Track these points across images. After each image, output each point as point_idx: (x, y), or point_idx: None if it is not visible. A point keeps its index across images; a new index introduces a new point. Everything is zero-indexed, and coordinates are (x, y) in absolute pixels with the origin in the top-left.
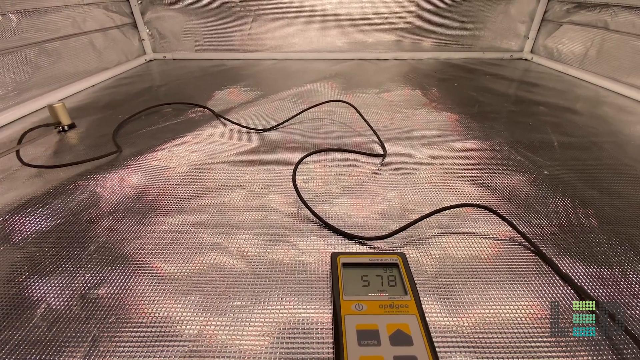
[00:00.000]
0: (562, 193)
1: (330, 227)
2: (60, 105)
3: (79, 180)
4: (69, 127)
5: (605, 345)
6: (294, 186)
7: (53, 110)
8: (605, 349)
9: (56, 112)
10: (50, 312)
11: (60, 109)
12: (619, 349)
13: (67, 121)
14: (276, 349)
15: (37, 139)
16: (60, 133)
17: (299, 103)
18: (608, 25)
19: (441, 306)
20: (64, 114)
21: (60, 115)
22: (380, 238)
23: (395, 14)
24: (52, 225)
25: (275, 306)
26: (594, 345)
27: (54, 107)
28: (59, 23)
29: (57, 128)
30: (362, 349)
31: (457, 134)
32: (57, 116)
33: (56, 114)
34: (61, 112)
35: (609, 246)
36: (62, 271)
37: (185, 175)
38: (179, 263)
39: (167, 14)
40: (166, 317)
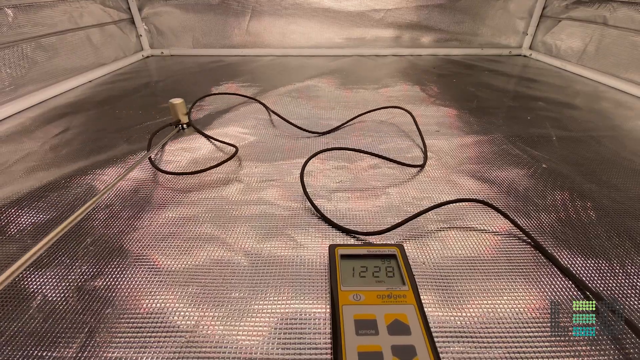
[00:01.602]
0: (560, 186)
1: (332, 223)
2: (181, 103)
3: (76, 174)
4: (187, 125)
5: (604, 336)
6: (301, 180)
7: (174, 107)
8: (604, 339)
9: (176, 110)
10: (46, 304)
11: (180, 107)
12: (618, 340)
13: (185, 119)
14: (274, 339)
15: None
16: (180, 131)
17: (297, 98)
18: (607, 20)
19: (439, 297)
20: (183, 112)
21: (179, 112)
22: (378, 233)
23: (394, 9)
24: (48, 218)
25: (273, 297)
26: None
27: (175, 104)
28: (55, 18)
29: (177, 127)
30: (360, 338)
31: (456, 129)
32: (177, 114)
33: (176, 112)
34: (181, 109)
35: (607, 239)
36: (58, 263)
37: (183, 169)
38: (176, 255)
39: (164, 9)
40: (163, 309)
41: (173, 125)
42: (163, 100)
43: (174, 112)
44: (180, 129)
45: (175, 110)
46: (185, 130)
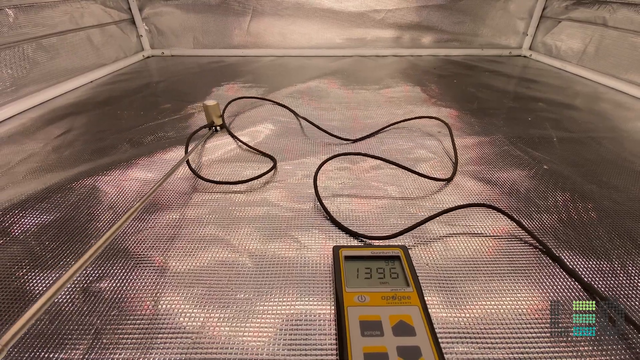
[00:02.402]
0: (561, 187)
1: (342, 227)
2: (215, 105)
3: (79, 175)
4: (220, 127)
5: (607, 336)
6: (314, 182)
7: (207, 109)
8: (607, 339)
9: (210, 112)
10: (52, 306)
11: (214, 109)
12: (620, 340)
13: (218, 121)
14: (279, 340)
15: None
16: (214, 133)
17: (298, 99)
18: (607, 21)
19: (443, 298)
20: (217, 114)
21: (213, 114)
22: (387, 237)
23: (395, 10)
24: (52, 220)
25: (278, 299)
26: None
27: (209, 106)
28: (56, 18)
29: (211, 129)
30: (365, 339)
31: (457, 130)
32: (211, 116)
33: (210, 114)
34: (214, 111)
35: (609, 239)
36: (63, 265)
37: (186, 170)
38: (180, 257)
39: (165, 10)
40: (168, 310)
41: (207, 127)
42: (164, 100)
43: (208, 114)
44: (214, 131)
45: (209, 112)
46: (218, 133)
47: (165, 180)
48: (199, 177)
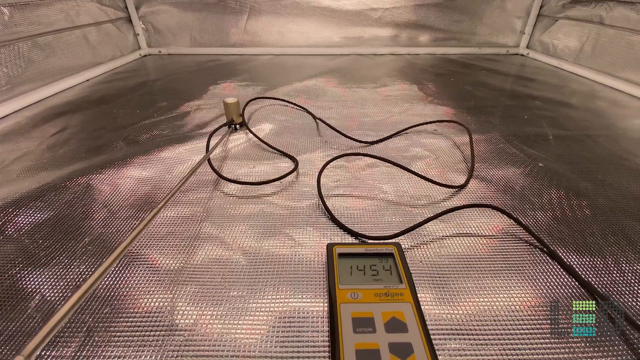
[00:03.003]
0: (556, 185)
1: (343, 226)
2: (235, 102)
3: (74, 174)
4: (239, 125)
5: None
6: (318, 182)
7: (228, 107)
8: (600, 336)
9: (230, 110)
10: (44, 303)
11: (234, 107)
12: (613, 336)
13: (238, 119)
14: (272, 337)
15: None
16: (234, 132)
17: (295, 97)
18: (603, 20)
19: (436, 295)
20: (237, 111)
21: (233, 112)
22: (386, 238)
23: (392, 8)
24: (46, 218)
25: (271, 296)
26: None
27: (229, 104)
28: (52, 17)
29: (231, 127)
30: (358, 336)
31: (453, 128)
32: (231, 113)
33: (230, 111)
34: (234, 109)
35: (603, 237)
36: (57, 263)
37: (178, 167)
38: (174, 254)
39: (162, 8)
40: (161, 307)
41: (227, 125)
42: (160, 99)
43: (228, 112)
44: (233, 129)
45: (229, 110)
46: (238, 131)
47: (186, 180)
48: (220, 176)
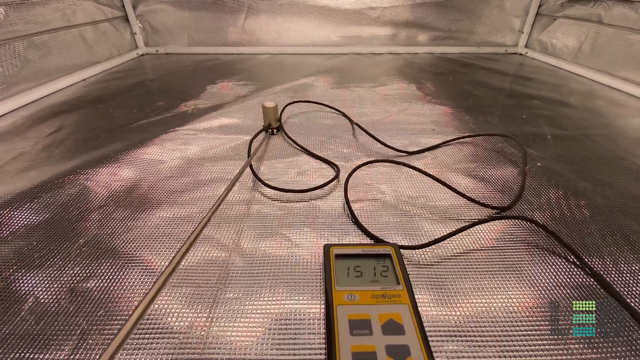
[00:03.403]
0: (554, 185)
1: (365, 230)
2: (274, 107)
3: (69, 174)
4: (277, 129)
5: (598, 333)
6: (345, 187)
7: (266, 111)
8: (597, 337)
9: (268, 114)
10: (38, 306)
11: (272, 111)
12: (610, 337)
13: (276, 123)
14: (268, 339)
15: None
16: (271, 136)
17: (292, 97)
18: (602, 19)
19: (434, 296)
20: (274, 115)
21: (271, 116)
22: (416, 247)
23: (390, 7)
24: (41, 219)
25: (267, 298)
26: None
27: (268, 108)
28: (48, 16)
29: (268, 131)
30: (354, 338)
31: (452, 127)
32: (269, 117)
33: (268, 116)
34: (272, 113)
35: (601, 236)
36: (51, 265)
37: (177, 168)
38: (170, 256)
39: (159, 7)
40: (156, 310)
41: (264, 130)
42: (158, 98)
43: (266, 116)
44: (271, 133)
45: (268, 114)
46: (276, 135)
47: (232, 185)
48: (261, 182)
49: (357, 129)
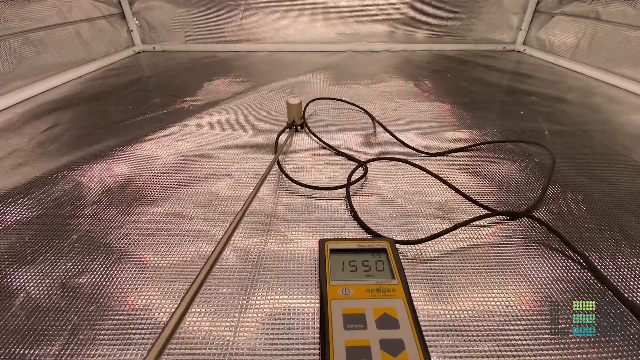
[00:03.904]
0: (552, 180)
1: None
2: (298, 104)
3: (63, 170)
4: (300, 126)
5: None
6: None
7: (290, 108)
8: (596, 334)
9: (292, 111)
10: (29, 301)
11: (297, 108)
12: (606, 333)
13: (300, 120)
14: (261, 334)
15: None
16: (295, 132)
17: (290, 94)
18: (600, 15)
19: (429, 291)
20: (298, 113)
21: (295, 113)
22: (414, 242)
23: (388, 4)
24: (33, 215)
25: (261, 293)
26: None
27: (292, 104)
28: (43, 12)
29: (292, 128)
30: (348, 332)
31: (449, 124)
32: (293, 114)
33: (292, 112)
34: (296, 110)
35: (598, 231)
36: (43, 260)
37: (172, 164)
38: (163, 251)
39: (156, 4)
40: (148, 305)
41: (289, 127)
42: (154, 95)
43: (290, 113)
44: (294, 130)
45: (292, 111)
46: (299, 132)
47: (261, 184)
48: (289, 178)
49: (378, 127)
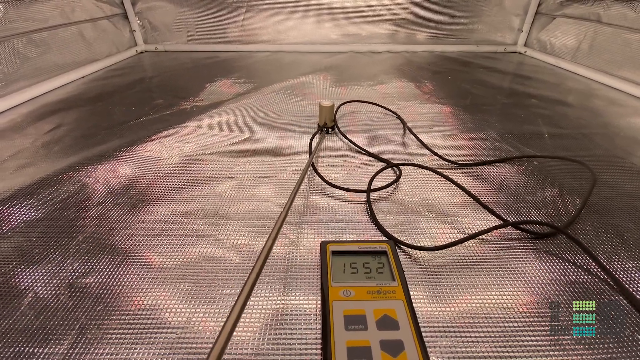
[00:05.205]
0: (550, 183)
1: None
2: (330, 106)
3: (68, 171)
4: (332, 128)
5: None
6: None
7: (323, 110)
8: (592, 335)
9: (324, 113)
10: (37, 301)
11: (328, 110)
12: (602, 334)
13: (331, 123)
14: (264, 335)
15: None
16: (327, 134)
17: (291, 95)
18: (600, 18)
19: (429, 292)
20: (330, 115)
21: (327, 115)
22: (433, 249)
23: (390, 6)
24: (40, 216)
25: (264, 294)
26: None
27: (324, 107)
28: (46, 13)
29: (323, 131)
30: (349, 333)
31: (450, 126)
32: (324, 117)
33: (324, 115)
34: (328, 112)
35: (595, 234)
36: (50, 261)
37: (176, 166)
38: (168, 252)
39: (158, 4)
40: (154, 305)
41: (320, 129)
42: (157, 96)
43: (321, 115)
44: (325, 132)
45: (324, 113)
46: (330, 134)
47: (300, 184)
48: (324, 180)
49: (407, 133)
